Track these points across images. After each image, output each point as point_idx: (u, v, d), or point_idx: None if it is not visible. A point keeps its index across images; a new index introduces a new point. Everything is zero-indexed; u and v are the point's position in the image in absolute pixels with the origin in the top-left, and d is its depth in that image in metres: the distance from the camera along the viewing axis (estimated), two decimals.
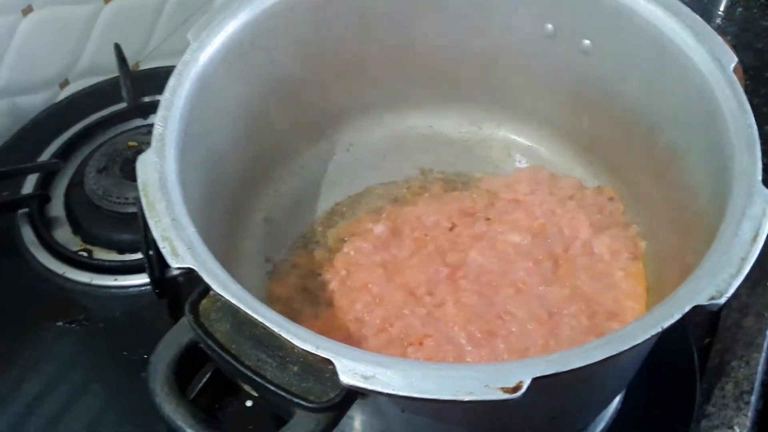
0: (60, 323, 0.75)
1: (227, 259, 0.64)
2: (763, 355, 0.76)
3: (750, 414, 0.72)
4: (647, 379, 0.70)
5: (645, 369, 0.63)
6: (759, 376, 0.74)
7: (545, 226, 0.74)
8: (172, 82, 0.60)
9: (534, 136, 0.84)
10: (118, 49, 0.95)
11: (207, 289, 0.48)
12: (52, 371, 0.72)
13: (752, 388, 0.73)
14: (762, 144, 0.95)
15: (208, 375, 0.69)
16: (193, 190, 0.57)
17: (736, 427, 0.71)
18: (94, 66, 1.02)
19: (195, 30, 0.63)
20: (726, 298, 0.45)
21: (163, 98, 0.58)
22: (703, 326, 0.79)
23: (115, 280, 0.78)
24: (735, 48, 1.06)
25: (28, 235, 0.82)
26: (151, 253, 0.75)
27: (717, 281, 0.45)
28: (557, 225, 0.74)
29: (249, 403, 0.70)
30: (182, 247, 0.48)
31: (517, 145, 0.84)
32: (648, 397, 0.71)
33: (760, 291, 0.80)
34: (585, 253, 0.71)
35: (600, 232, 0.73)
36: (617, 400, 0.70)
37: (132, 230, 0.79)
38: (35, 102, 0.98)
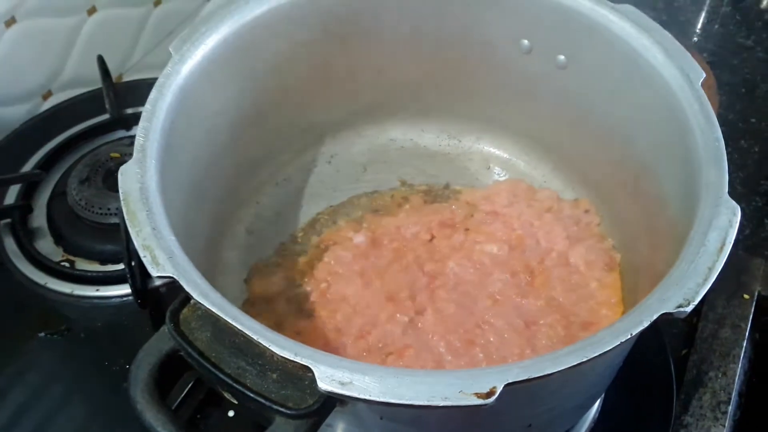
0: (42, 334, 0.75)
1: (209, 270, 0.65)
2: (740, 366, 0.77)
3: (727, 424, 0.73)
4: (624, 390, 0.72)
5: (622, 380, 0.64)
6: (736, 387, 0.76)
7: (522, 238, 0.75)
8: (153, 94, 0.60)
9: (512, 149, 0.85)
10: (101, 60, 0.96)
11: (188, 297, 0.49)
12: (34, 382, 0.72)
13: (729, 399, 0.74)
14: (738, 158, 0.99)
15: (189, 385, 0.69)
16: (175, 200, 0.58)
17: None
18: (77, 78, 1.03)
19: (177, 43, 0.64)
20: (693, 306, 0.46)
21: (145, 110, 0.59)
22: (680, 337, 0.80)
23: (97, 290, 0.78)
24: (711, 65, 1.09)
25: (9, 245, 0.82)
26: (133, 264, 0.75)
27: (684, 290, 0.47)
28: (534, 237, 0.75)
29: (231, 414, 0.70)
30: (163, 256, 0.49)
31: (496, 158, 0.86)
32: (625, 408, 0.72)
33: (736, 303, 0.82)
34: (560, 264, 0.72)
35: (576, 244, 0.74)
36: (594, 410, 0.71)
37: (114, 241, 0.80)
38: (18, 113, 0.98)
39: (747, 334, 0.79)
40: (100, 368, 0.72)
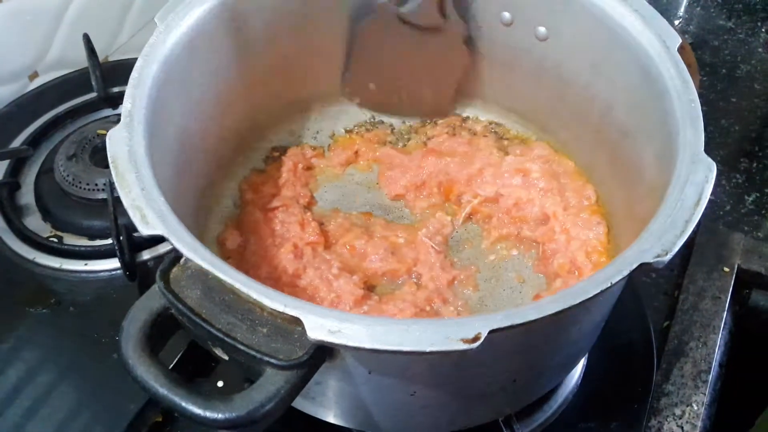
0: (31, 308, 0.76)
1: None
2: (720, 336, 0.78)
3: (708, 392, 0.74)
4: (606, 359, 0.74)
5: (604, 349, 0.65)
6: (717, 357, 0.77)
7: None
8: (139, 62, 0.61)
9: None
10: (87, 39, 0.95)
11: (177, 257, 0.50)
12: (24, 356, 0.72)
13: (710, 368, 0.76)
14: (719, 137, 1.00)
15: (178, 356, 0.70)
16: (163, 168, 0.58)
17: (694, 405, 0.73)
18: (62, 59, 1.03)
19: (162, 13, 0.64)
20: (671, 256, 0.47)
21: (132, 77, 0.59)
22: (661, 310, 0.82)
23: (86, 264, 0.78)
24: (693, 46, 1.10)
25: None
26: (121, 238, 0.76)
27: (663, 241, 0.48)
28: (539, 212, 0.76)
29: (220, 384, 0.71)
30: (152, 215, 0.49)
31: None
32: (607, 376, 0.74)
33: (716, 276, 0.83)
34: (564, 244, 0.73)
35: (576, 222, 0.74)
36: (577, 376, 0.73)
37: (102, 216, 0.80)
38: (4, 93, 0.98)
39: (727, 306, 0.81)
40: (89, 341, 0.73)
